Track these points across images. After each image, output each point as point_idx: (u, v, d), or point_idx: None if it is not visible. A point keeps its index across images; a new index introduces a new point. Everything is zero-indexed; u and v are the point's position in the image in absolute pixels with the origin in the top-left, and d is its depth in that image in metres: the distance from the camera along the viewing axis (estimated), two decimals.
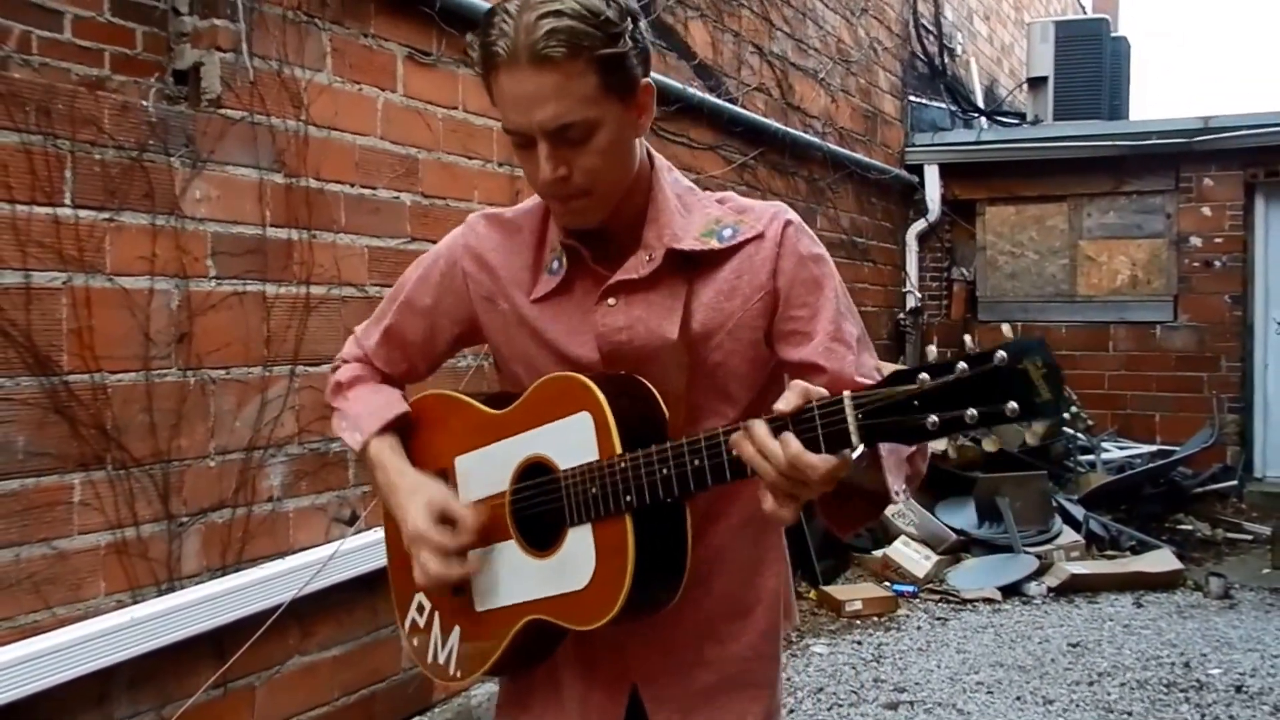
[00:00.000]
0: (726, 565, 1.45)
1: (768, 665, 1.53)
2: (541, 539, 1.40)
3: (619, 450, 1.30)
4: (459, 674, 1.50)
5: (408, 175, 3.71)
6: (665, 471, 1.25)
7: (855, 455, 1.10)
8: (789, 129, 6.42)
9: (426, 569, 1.39)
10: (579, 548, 1.34)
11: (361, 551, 3.40)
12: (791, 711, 4.25)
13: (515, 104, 1.29)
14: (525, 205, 1.52)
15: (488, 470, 1.44)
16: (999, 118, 9.70)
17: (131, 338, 2.83)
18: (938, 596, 5.78)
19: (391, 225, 3.64)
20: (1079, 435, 7.46)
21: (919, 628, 5.32)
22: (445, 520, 1.41)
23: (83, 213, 2.72)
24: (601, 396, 1.32)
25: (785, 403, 1.16)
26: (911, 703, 4.30)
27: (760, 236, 1.42)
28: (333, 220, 3.41)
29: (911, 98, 8.66)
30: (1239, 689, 4.42)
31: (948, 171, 8.58)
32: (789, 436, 1.14)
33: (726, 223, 1.43)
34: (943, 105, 9.20)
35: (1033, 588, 5.82)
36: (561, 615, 1.36)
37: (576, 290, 1.44)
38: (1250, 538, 6.95)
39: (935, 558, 6.03)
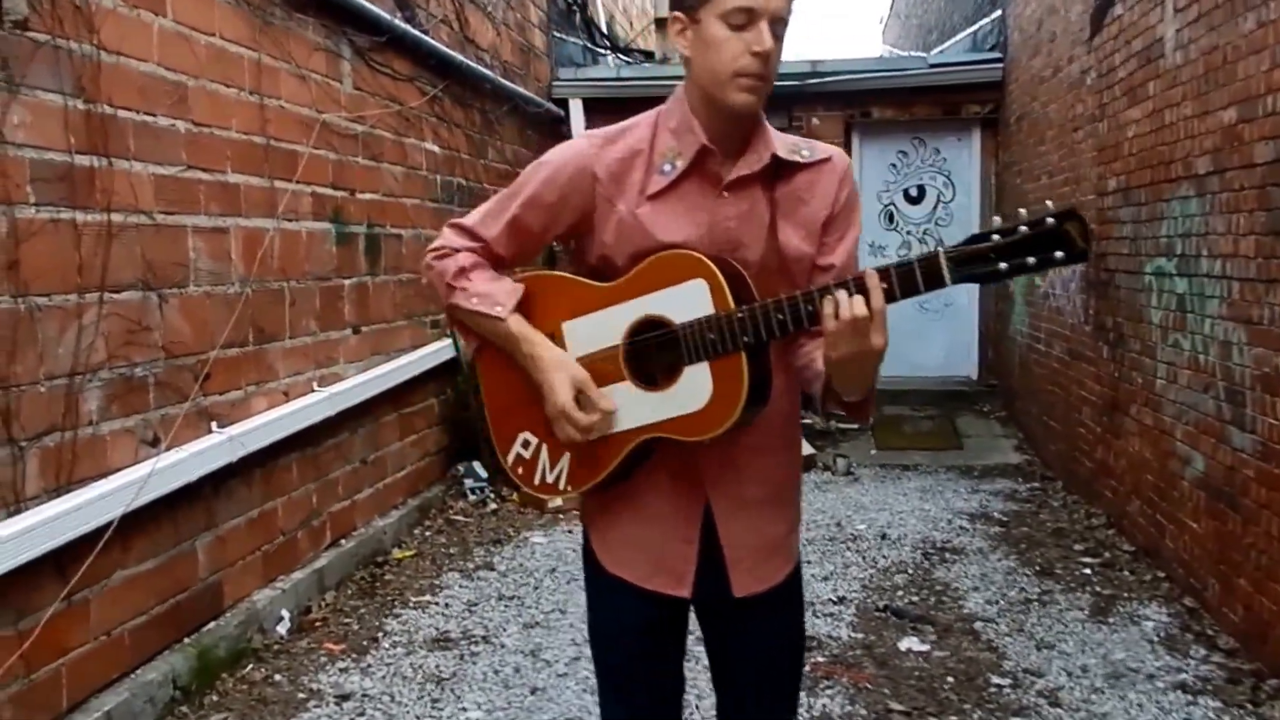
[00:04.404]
0: (775, 410, 1.91)
1: (796, 488, 2.07)
2: (652, 378, 1.85)
3: (732, 305, 1.76)
4: (569, 488, 1.98)
5: (180, 103, 3.86)
6: (781, 316, 1.72)
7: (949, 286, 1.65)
8: (468, 61, 6.88)
9: (568, 434, 1.86)
10: (696, 380, 1.79)
11: (168, 471, 3.65)
12: (535, 588, 4.93)
13: None
14: (628, 124, 1.94)
15: (596, 330, 1.88)
16: (628, 54, 10.63)
17: None
18: None
19: (171, 153, 3.80)
20: None
21: None
22: (580, 397, 1.87)
23: None
24: (715, 267, 1.77)
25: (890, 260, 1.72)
26: None
27: (829, 160, 1.93)
28: (125, 148, 3.55)
29: (555, 33, 9.35)
30: (883, 536, 5.75)
31: (589, 106, 9.37)
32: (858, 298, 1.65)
33: (803, 145, 1.94)
34: (579, 41, 9.97)
35: None
36: (677, 431, 1.82)
37: (684, 189, 1.87)
38: (856, 427, 8.52)
39: None
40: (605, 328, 1.90)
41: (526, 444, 2.00)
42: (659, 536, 1.98)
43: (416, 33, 5.96)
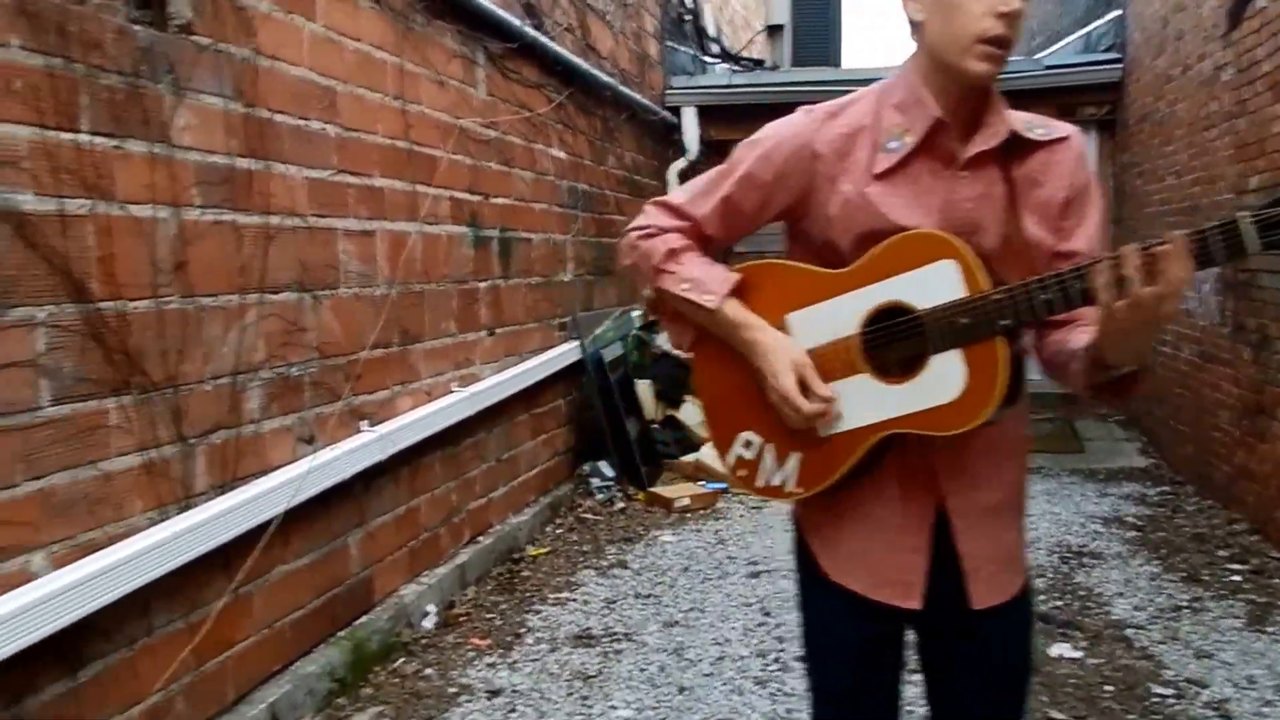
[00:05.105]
0: (1011, 410, 1.68)
1: (1023, 494, 1.84)
2: (889, 369, 1.65)
3: (986, 287, 1.56)
4: (800, 490, 1.75)
5: (330, 108, 3.78)
6: (1047, 295, 1.52)
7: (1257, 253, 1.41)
8: (591, 69, 6.74)
9: (791, 422, 1.69)
10: (946, 369, 1.58)
11: (323, 469, 3.56)
12: (670, 586, 4.76)
13: None
14: (847, 100, 1.75)
15: (826, 321, 1.69)
16: (738, 63, 10.42)
17: (143, 266, 2.85)
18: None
19: (321, 157, 3.72)
20: None
21: (742, 516, 5.99)
22: (803, 383, 1.68)
23: (97, 139, 2.70)
24: (964, 247, 1.57)
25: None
26: (769, 571, 4.93)
27: (1066, 140, 1.71)
28: (281, 151, 3.47)
29: (667, 42, 9.19)
30: None
31: (703, 113, 9.18)
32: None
33: (1037, 122, 1.72)
34: (689, 50, 9.80)
35: None
36: (924, 426, 1.62)
37: (914, 168, 1.67)
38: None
39: None
40: (837, 317, 1.70)
41: (749, 444, 1.80)
42: (884, 545, 1.77)
43: (545, 40, 5.85)
